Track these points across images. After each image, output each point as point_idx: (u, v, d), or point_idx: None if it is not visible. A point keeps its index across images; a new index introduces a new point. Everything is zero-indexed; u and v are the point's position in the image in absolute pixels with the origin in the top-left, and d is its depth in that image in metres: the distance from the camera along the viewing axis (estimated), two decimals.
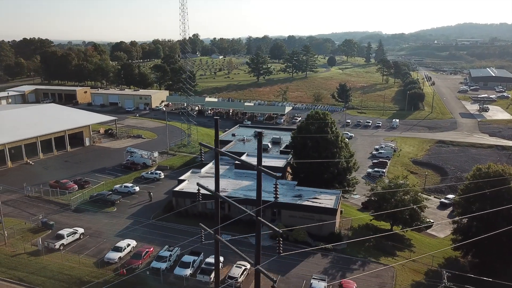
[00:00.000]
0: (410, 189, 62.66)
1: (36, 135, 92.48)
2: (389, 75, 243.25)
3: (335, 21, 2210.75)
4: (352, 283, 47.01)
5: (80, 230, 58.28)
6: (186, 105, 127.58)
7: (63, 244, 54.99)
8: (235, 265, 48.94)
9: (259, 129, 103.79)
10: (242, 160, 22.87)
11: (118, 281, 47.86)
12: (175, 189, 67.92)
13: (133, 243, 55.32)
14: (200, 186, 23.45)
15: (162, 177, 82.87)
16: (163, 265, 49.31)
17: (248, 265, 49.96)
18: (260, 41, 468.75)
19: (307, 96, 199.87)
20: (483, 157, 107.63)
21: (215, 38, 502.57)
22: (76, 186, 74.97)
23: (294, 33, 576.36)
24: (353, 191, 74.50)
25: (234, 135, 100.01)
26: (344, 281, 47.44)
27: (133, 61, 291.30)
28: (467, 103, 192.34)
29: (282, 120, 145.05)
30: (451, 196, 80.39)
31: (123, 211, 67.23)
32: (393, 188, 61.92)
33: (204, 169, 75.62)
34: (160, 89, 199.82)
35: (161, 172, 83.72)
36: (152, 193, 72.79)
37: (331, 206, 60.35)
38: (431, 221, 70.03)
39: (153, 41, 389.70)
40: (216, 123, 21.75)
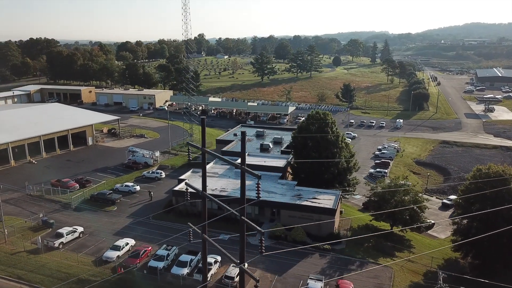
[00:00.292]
0: (409, 188, 62.21)
1: (39, 134, 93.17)
2: (394, 75, 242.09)
3: (341, 21, 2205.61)
4: (349, 283, 46.83)
5: (80, 229, 58.58)
6: (190, 104, 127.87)
7: (62, 242, 55.31)
8: (232, 265, 48.92)
9: (260, 129, 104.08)
10: (226, 159, 22.88)
11: (115, 279, 48.25)
12: (175, 188, 68.12)
13: (131, 242, 55.56)
14: (188, 186, 23.47)
15: (163, 176, 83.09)
16: (160, 264, 49.44)
17: (245, 264, 49.89)
18: (265, 41, 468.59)
19: (311, 96, 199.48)
20: (487, 158, 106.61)
21: (220, 38, 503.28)
22: (77, 185, 75.41)
23: (300, 33, 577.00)
24: (353, 191, 74.17)
25: (236, 134, 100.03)
26: (341, 281, 47.27)
27: (138, 61, 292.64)
28: (472, 104, 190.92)
29: (285, 120, 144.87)
30: (453, 197, 79.64)
31: (123, 210, 67.50)
32: (393, 188, 61.60)
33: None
34: (165, 89, 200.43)
35: (162, 172, 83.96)
36: (152, 193, 73.02)
37: (330, 206, 60.16)
38: (431, 221, 69.59)
39: (158, 41, 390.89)
40: (202, 122, 21.76)
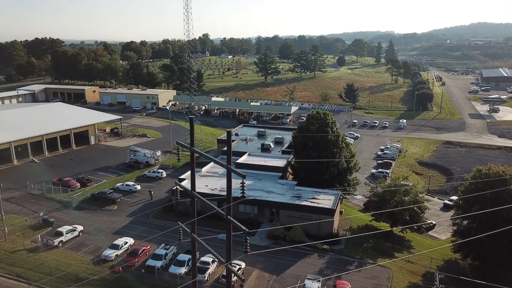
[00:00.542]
0: (409, 189, 61.88)
1: (41, 133, 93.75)
2: (399, 75, 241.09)
3: (347, 21, 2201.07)
4: (346, 284, 46.68)
5: (79, 228, 58.87)
6: (192, 104, 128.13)
7: (61, 241, 55.64)
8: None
9: (262, 129, 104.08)
10: (212, 158, 22.89)
11: (113, 278, 48.47)
12: (175, 188, 68.20)
13: (130, 241, 55.74)
14: (178, 185, 23.50)
15: (164, 176, 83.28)
16: (158, 263, 49.59)
17: (243, 264, 49.99)
18: (270, 41, 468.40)
19: (314, 96, 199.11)
20: (491, 159, 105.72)
21: (225, 38, 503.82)
22: (78, 184, 75.80)
23: (305, 33, 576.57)
24: (354, 191, 73.94)
25: (237, 134, 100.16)
26: (339, 281, 47.13)
27: (142, 60, 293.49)
28: (477, 104, 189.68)
29: (288, 120, 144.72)
30: (455, 198, 79.13)
31: (124, 209, 67.76)
32: (392, 188, 61.34)
33: (205, 169, 75.79)
34: (168, 89, 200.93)
35: (163, 171, 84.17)
36: (153, 192, 73.24)
37: (329, 206, 60.00)
38: (432, 222, 69.19)
39: (163, 41, 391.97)
40: (191, 122, 21.78)
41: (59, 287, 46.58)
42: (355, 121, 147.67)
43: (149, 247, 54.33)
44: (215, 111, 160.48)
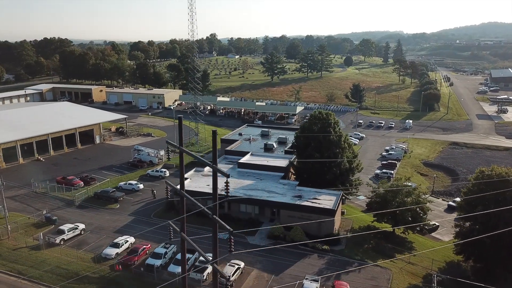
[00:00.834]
0: (411, 189, 61.36)
1: (47, 132, 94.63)
2: (406, 76, 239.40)
3: (355, 21, 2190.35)
4: (345, 285, 46.42)
5: (81, 226, 59.29)
6: (198, 104, 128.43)
7: (63, 239, 56.08)
8: (228, 264, 48.90)
9: (266, 129, 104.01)
10: (199, 157, 22.89)
11: (113, 276, 48.74)
12: (177, 187, 68.29)
13: (131, 239, 55.98)
14: (168, 184, 23.57)
15: (167, 175, 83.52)
16: (157, 262, 49.77)
17: (242, 264, 49.98)
18: (277, 41, 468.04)
19: (320, 96, 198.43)
20: (498, 160, 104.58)
21: (232, 38, 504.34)
22: (81, 183, 76.36)
23: (313, 33, 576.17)
24: (356, 192, 73.52)
25: (241, 134, 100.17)
26: (337, 282, 46.88)
27: (150, 60, 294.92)
28: (485, 104, 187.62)
29: (293, 120, 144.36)
30: (459, 199, 78.39)
31: (126, 208, 68.11)
32: (394, 188, 60.88)
33: (207, 168, 75.90)
34: (175, 88, 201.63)
35: (166, 170, 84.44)
36: (155, 191, 73.51)
37: (330, 206, 59.71)
38: (435, 223, 68.57)
39: (170, 40, 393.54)
40: (180, 121, 21.79)
41: (59, 284, 46.93)
42: (361, 121, 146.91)
43: (149, 245, 54.57)
44: (221, 110, 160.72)
